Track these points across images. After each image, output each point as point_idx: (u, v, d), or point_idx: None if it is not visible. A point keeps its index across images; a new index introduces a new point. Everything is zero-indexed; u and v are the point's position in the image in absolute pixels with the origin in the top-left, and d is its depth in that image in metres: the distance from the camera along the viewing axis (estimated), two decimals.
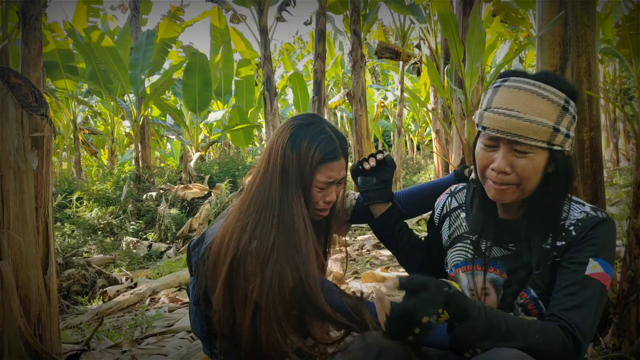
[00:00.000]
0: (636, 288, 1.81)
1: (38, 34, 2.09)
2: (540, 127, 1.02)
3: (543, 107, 1.03)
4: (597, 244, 1.04)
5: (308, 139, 1.24)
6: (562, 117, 1.04)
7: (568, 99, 1.06)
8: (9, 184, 1.78)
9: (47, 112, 1.86)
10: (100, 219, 5.87)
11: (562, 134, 1.04)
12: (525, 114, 1.02)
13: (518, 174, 1.05)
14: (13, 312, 1.74)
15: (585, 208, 1.10)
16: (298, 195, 1.23)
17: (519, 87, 1.05)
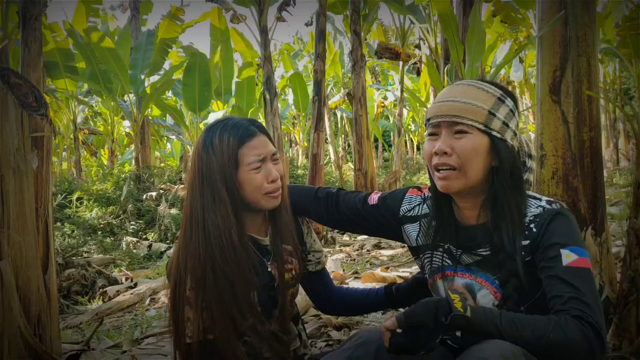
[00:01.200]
0: (636, 288, 1.81)
1: (38, 34, 2.09)
2: (475, 108, 1.10)
3: (478, 94, 1.12)
4: (560, 234, 1.06)
5: (217, 134, 1.22)
6: (498, 106, 1.12)
7: (504, 95, 1.14)
8: (9, 184, 1.78)
9: (47, 112, 1.86)
10: (100, 219, 5.86)
11: (499, 121, 1.11)
12: (461, 98, 1.11)
13: (458, 153, 1.09)
14: (13, 312, 1.74)
15: (541, 202, 1.12)
16: (220, 198, 1.19)
17: (458, 83, 1.18)
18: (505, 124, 1.11)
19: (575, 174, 2.06)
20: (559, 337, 0.94)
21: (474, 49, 3.13)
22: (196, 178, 1.22)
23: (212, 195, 1.19)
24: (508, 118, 1.12)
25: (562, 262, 1.02)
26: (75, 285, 3.58)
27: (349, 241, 5.29)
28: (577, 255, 1.03)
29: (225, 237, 1.18)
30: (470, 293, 1.16)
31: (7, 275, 1.74)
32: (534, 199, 1.14)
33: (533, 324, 0.97)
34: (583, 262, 1.02)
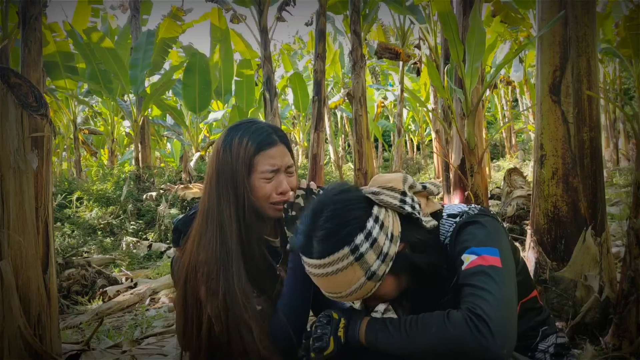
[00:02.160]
0: (636, 288, 1.81)
1: (38, 34, 2.09)
2: (361, 290, 1.02)
3: (345, 279, 1.01)
4: (461, 241, 1.05)
5: (239, 135, 1.21)
6: (365, 263, 1.00)
7: (354, 246, 1.00)
8: (9, 184, 1.78)
9: (47, 112, 1.86)
10: (100, 219, 5.87)
11: (380, 265, 1.01)
12: (342, 293, 1.03)
13: (378, 299, 1.11)
14: (13, 312, 1.74)
15: (456, 219, 1.10)
16: (230, 199, 1.19)
17: (316, 274, 1.03)
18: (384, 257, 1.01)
19: (575, 173, 2.06)
20: (443, 335, 0.92)
21: (474, 49, 3.13)
22: (213, 174, 1.23)
23: (225, 192, 1.20)
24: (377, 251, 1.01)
25: (462, 267, 1.01)
26: (75, 285, 3.58)
27: None
28: (475, 255, 1.01)
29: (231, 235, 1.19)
30: None
31: (7, 275, 1.74)
32: (452, 217, 1.10)
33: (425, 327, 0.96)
34: (482, 260, 0.99)
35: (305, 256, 1.05)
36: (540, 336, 1.18)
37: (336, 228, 1.00)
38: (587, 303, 1.96)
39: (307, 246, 1.03)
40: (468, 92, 3.30)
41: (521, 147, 13.27)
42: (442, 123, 5.26)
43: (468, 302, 0.95)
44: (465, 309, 0.93)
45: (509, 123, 12.92)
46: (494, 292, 0.94)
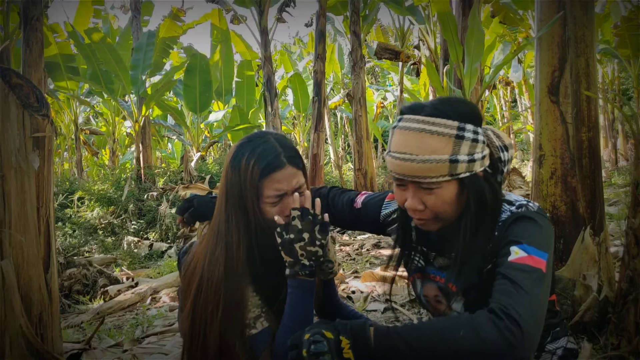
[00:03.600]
0: (635, 288, 1.82)
1: (39, 34, 2.10)
2: (435, 165, 1.02)
3: (434, 144, 1.02)
4: (516, 234, 1.03)
5: (247, 155, 1.17)
6: (458, 147, 1.03)
7: (462, 125, 1.04)
8: (10, 184, 1.79)
9: (49, 113, 1.87)
10: (102, 218, 5.88)
11: (464, 162, 1.04)
12: (417, 155, 1.03)
13: (430, 208, 1.07)
14: (15, 312, 1.75)
15: (512, 207, 1.10)
16: (238, 220, 1.18)
17: (409, 128, 1.05)
18: (471, 160, 1.04)
19: (573, 173, 2.07)
20: (470, 336, 0.90)
21: (473, 50, 3.14)
22: (223, 193, 1.21)
23: (235, 214, 1.18)
24: (472, 150, 1.04)
25: (508, 258, 1.00)
26: (76, 284, 3.59)
27: (348, 240, 5.30)
28: (526, 253, 0.99)
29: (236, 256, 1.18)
30: (445, 297, 1.17)
31: (8, 274, 1.75)
32: (508, 203, 1.11)
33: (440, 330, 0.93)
34: (531, 260, 0.98)
35: (410, 113, 1.06)
36: (551, 337, 1.18)
37: (457, 107, 1.05)
38: (585, 302, 1.97)
39: (417, 106, 1.07)
40: (467, 93, 3.31)
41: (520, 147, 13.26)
42: None
43: (503, 299, 0.93)
44: (498, 308, 0.92)
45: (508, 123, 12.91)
46: (532, 294, 0.94)
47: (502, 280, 0.97)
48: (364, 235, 5.39)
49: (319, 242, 1.17)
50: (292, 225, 1.16)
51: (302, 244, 1.15)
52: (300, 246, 1.15)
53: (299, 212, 1.17)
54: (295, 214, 1.17)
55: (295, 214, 1.17)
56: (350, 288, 3.10)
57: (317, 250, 1.17)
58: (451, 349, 0.91)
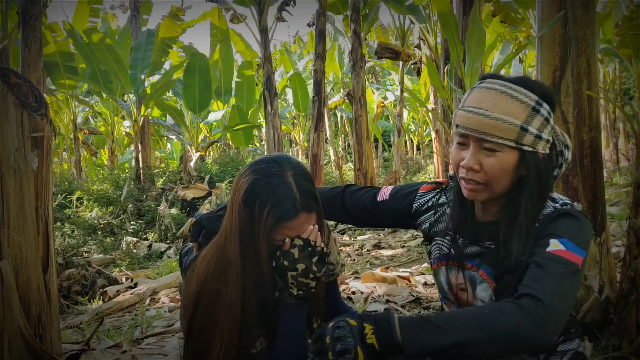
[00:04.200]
0: (636, 288, 1.81)
1: (38, 34, 2.09)
2: (506, 126, 1.04)
3: (511, 107, 1.05)
4: (558, 228, 1.04)
5: (261, 198, 1.14)
6: (532, 118, 1.05)
7: (540, 102, 1.07)
8: (9, 184, 1.78)
9: (48, 112, 1.86)
10: (101, 219, 5.87)
11: (532, 135, 1.05)
12: (492, 112, 1.04)
13: (486, 172, 1.06)
14: (13, 312, 1.74)
15: (556, 204, 1.10)
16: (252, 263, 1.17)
17: (490, 88, 1.08)
18: (538, 136, 1.06)
19: (575, 173, 2.06)
20: (495, 317, 0.91)
21: (474, 49, 3.13)
22: (235, 228, 1.17)
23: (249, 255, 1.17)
24: (542, 128, 1.06)
25: (545, 249, 1.00)
26: (75, 285, 3.58)
27: (348, 241, 5.30)
28: (564, 247, 1.00)
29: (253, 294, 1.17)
30: (471, 285, 1.16)
31: (7, 275, 1.74)
32: (552, 201, 1.11)
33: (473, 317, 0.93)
34: (569, 255, 0.99)
35: (494, 78, 1.10)
36: (563, 338, 1.17)
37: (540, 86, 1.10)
38: (587, 303, 1.97)
39: (502, 75, 1.11)
40: None
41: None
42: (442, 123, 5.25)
43: (531, 285, 0.94)
44: (524, 292, 0.93)
45: None
46: (562, 284, 0.95)
47: (534, 268, 0.98)
48: (364, 236, 5.38)
49: (313, 275, 1.17)
50: (289, 253, 1.16)
51: (295, 274, 1.15)
52: (292, 275, 1.15)
53: (302, 243, 1.17)
54: (297, 243, 1.16)
55: (298, 242, 1.17)
56: (350, 289, 3.09)
57: (309, 282, 1.17)
58: (478, 333, 0.91)
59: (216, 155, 11.00)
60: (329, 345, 0.94)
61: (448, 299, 1.25)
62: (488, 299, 1.13)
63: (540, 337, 0.90)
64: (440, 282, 1.26)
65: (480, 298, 1.15)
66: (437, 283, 1.29)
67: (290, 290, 1.17)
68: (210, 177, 6.92)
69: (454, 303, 1.24)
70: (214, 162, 8.51)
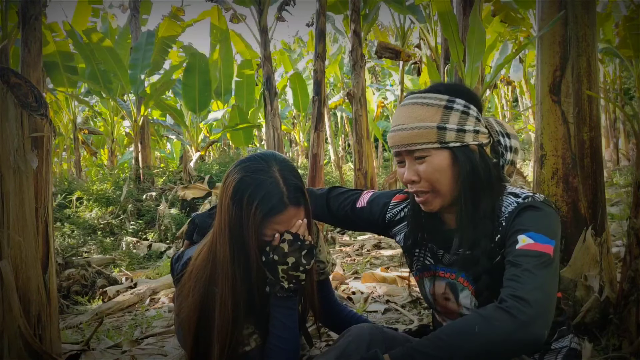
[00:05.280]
0: (636, 288, 1.81)
1: (38, 34, 2.08)
2: (423, 131, 1.09)
3: (423, 113, 1.11)
4: (523, 223, 1.05)
5: (249, 193, 1.16)
6: (447, 116, 1.10)
7: (452, 99, 1.12)
8: (8, 184, 1.78)
9: (47, 112, 1.86)
10: (100, 219, 5.86)
11: (453, 131, 1.09)
12: (408, 124, 1.11)
13: (424, 178, 1.11)
14: (13, 312, 1.74)
15: (518, 199, 1.11)
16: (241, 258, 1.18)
17: (405, 104, 1.16)
18: (461, 130, 1.09)
19: (575, 173, 2.06)
20: (485, 328, 0.91)
21: (474, 49, 3.12)
22: (225, 226, 1.19)
23: (238, 251, 1.18)
24: (462, 121, 1.10)
25: (515, 246, 1.02)
26: (75, 285, 3.57)
27: (349, 241, 5.29)
28: (532, 240, 1.01)
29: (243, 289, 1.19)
30: (453, 293, 1.18)
31: (7, 275, 1.74)
32: (514, 195, 1.12)
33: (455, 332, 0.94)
34: (538, 246, 1.00)
35: (410, 94, 1.17)
36: (557, 335, 1.18)
37: (451, 87, 1.15)
38: (587, 303, 1.96)
39: (419, 90, 1.19)
40: None
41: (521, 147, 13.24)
42: None
43: (510, 285, 0.95)
44: (506, 294, 0.94)
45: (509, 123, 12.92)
46: (539, 275, 0.96)
47: (510, 268, 1.00)
48: (365, 236, 5.38)
49: (303, 268, 1.19)
50: (279, 248, 1.18)
51: (285, 268, 1.18)
52: (282, 269, 1.18)
53: (291, 237, 1.19)
54: (287, 238, 1.18)
55: (287, 237, 1.18)
56: (350, 289, 3.09)
57: (299, 275, 1.19)
58: (471, 347, 0.91)
59: (216, 155, 11.00)
60: None
61: (435, 308, 1.26)
62: (471, 305, 1.14)
63: (532, 335, 0.90)
64: (425, 293, 1.27)
65: (464, 305, 1.16)
66: (422, 294, 1.31)
67: (281, 284, 1.19)
68: (210, 177, 6.91)
69: (441, 312, 1.24)
70: (214, 162, 8.50)
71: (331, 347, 1.14)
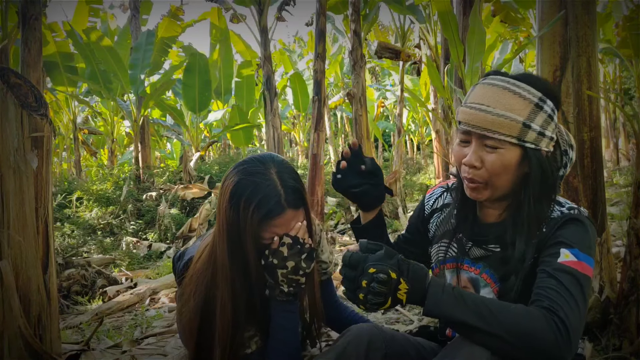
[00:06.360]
0: (636, 288, 1.81)
1: (38, 34, 2.08)
2: (508, 122, 1.02)
3: (513, 103, 1.03)
4: (567, 236, 1.03)
5: (246, 196, 1.14)
6: (534, 115, 1.04)
7: (544, 98, 1.06)
8: (8, 184, 1.78)
9: (47, 112, 1.86)
10: (100, 219, 5.86)
11: (535, 132, 1.04)
12: (494, 108, 1.03)
13: (487, 169, 1.05)
14: (13, 312, 1.73)
15: (562, 208, 1.09)
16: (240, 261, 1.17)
17: (493, 84, 1.07)
18: (541, 133, 1.04)
19: (575, 174, 2.06)
20: (527, 326, 0.91)
21: (474, 49, 3.13)
22: (223, 229, 1.18)
23: (236, 253, 1.18)
24: (545, 125, 1.05)
25: (557, 259, 1.00)
26: (75, 285, 3.57)
27: (349, 241, 5.29)
28: (576, 258, 0.99)
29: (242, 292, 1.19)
30: (474, 287, 1.16)
31: (7, 275, 1.74)
32: (558, 204, 1.10)
33: (502, 308, 0.94)
34: (580, 266, 0.99)
35: (498, 75, 1.08)
36: None
37: (544, 83, 1.08)
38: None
39: (506, 73, 1.09)
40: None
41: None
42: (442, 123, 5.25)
43: (552, 300, 0.94)
44: (549, 306, 0.93)
45: None
46: (579, 302, 0.95)
47: (549, 279, 0.98)
48: None
49: (302, 272, 1.17)
50: (278, 251, 1.16)
51: (285, 272, 1.16)
52: (282, 273, 1.16)
53: (290, 241, 1.17)
54: (286, 241, 1.16)
55: (287, 241, 1.16)
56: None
57: (299, 278, 1.18)
58: (503, 322, 0.91)
59: (216, 155, 11.00)
60: (364, 288, 0.95)
61: None
62: None
63: (558, 357, 0.91)
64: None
65: None
66: None
67: (281, 288, 1.18)
68: (210, 177, 6.91)
69: None
70: (214, 162, 8.50)
71: (331, 347, 1.14)
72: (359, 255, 0.97)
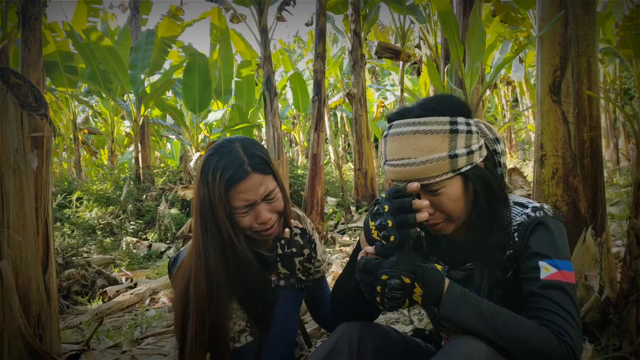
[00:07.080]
0: (636, 288, 1.81)
1: (38, 34, 2.08)
2: (435, 164, 1.01)
3: (429, 143, 1.01)
4: (540, 245, 1.03)
5: (212, 168, 1.17)
6: (454, 141, 1.02)
7: (454, 119, 1.03)
8: (8, 184, 1.78)
9: (47, 112, 1.86)
10: (100, 219, 5.86)
11: (463, 155, 1.03)
12: (415, 158, 1.01)
13: (441, 210, 1.05)
14: (13, 312, 1.73)
15: (526, 210, 1.09)
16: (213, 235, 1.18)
17: (402, 132, 1.04)
18: (470, 152, 1.04)
19: (575, 173, 2.06)
20: (539, 346, 0.93)
21: (474, 49, 3.13)
22: (196, 206, 1.22)
23: (210, 227, 1.19)
24: (468, 143, 1.03)
25: (540, 275, 1.00)
26: (75, 285, 3.57)
27: (349, 241, 5.29)
28: (555, 269, 1.00)
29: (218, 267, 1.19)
30: None
31: (7, 275, 1.74)
32: (520, 206, 1.10)
33: (517, 323, 0.95)
34: (563, 276, 1.00)
35: (399, 118, 1.05)
36: None
37: (444, 103, 1.05)
38: (587, 303, 1.96)
39: (405, 110, 1.06)
40: (468, 92, 3.30)
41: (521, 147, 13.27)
42: None
43: (554, 323, 0.96)
44: (555, 327, 0.95)
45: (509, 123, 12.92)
46: (574, 315, 0.97)
47: (541, 299, 0.99)
48: None
49: (313, 260, 1.24)
50: (294, 241, 1.23)
51: (302, 259, 1.22)
52: (299, 261, 1.22)
53: (300, 231, 1.24)
54: (297, 232, 1.24)
55: (297, 231, 1.24)
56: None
57: (310, 267, 1.23)
58: (517, 338, 0.93)
59: None
60: (379, 293, 0.98)
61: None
62: None
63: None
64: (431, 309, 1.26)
65: None
66: (426, 311, 1.29)
67: (297, 276, 1.22)
68: None
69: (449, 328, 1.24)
70: None
71: (323, 342, 1.14)
72: (372, 262, 0.99)
